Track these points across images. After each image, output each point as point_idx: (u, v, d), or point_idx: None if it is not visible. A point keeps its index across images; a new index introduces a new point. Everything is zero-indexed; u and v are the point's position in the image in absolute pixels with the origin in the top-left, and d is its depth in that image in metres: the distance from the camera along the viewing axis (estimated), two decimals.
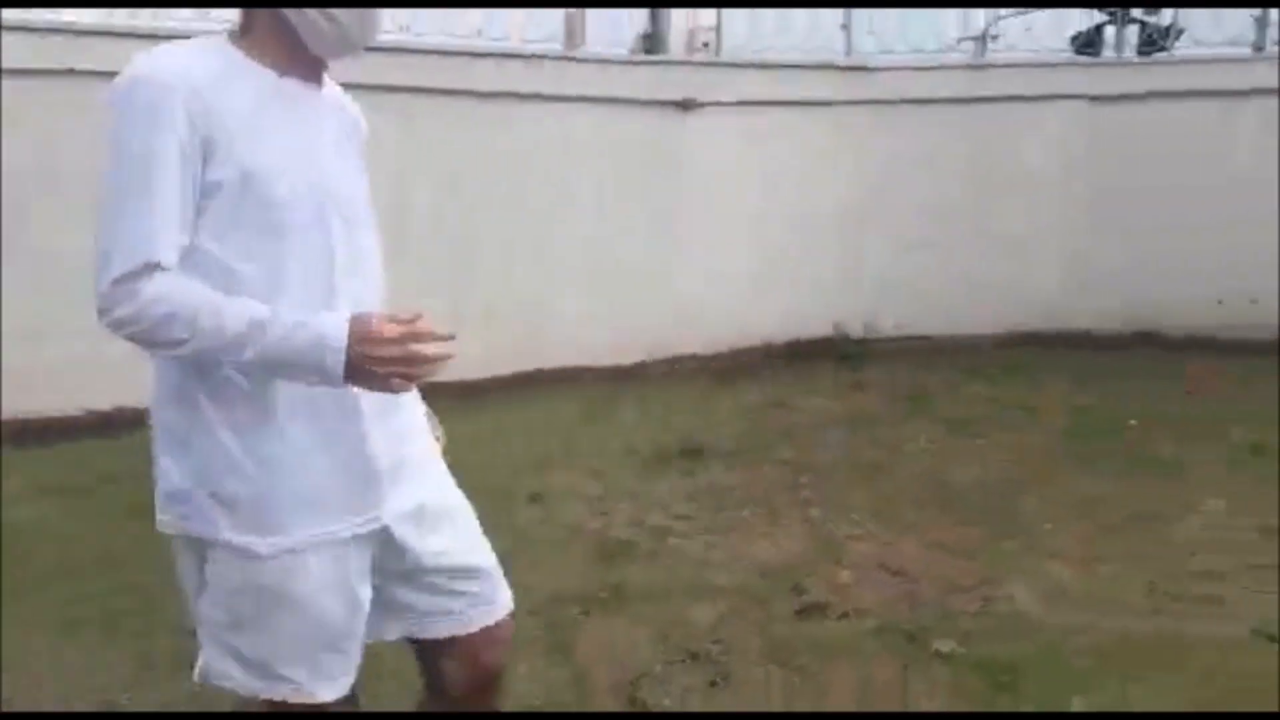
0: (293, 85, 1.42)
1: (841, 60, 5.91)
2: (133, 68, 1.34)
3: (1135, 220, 5.86)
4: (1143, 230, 5.84)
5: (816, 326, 5.79)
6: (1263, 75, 5.77)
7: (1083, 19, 6.38)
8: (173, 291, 1.32)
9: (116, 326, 1.32)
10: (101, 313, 1.32)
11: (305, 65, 1.43)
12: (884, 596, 2.94)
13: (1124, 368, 5.43)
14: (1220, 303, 5.76)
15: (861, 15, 5.98)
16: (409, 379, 1.37)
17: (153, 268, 1.30)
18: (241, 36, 1.41)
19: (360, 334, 1.33)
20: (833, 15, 5.99)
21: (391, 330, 1.34)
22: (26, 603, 2.80)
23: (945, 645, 2.64)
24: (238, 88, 1.36)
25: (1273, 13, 5.93)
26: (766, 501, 3.67)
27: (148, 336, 1.33)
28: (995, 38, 6.11)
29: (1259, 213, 5.70)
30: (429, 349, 1.36)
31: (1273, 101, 5.69)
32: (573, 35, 5.38)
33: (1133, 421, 4.52)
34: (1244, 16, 6.00)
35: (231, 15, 1.46)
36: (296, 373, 1.35)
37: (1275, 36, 5.97)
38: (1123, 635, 2.72)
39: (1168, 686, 2.47)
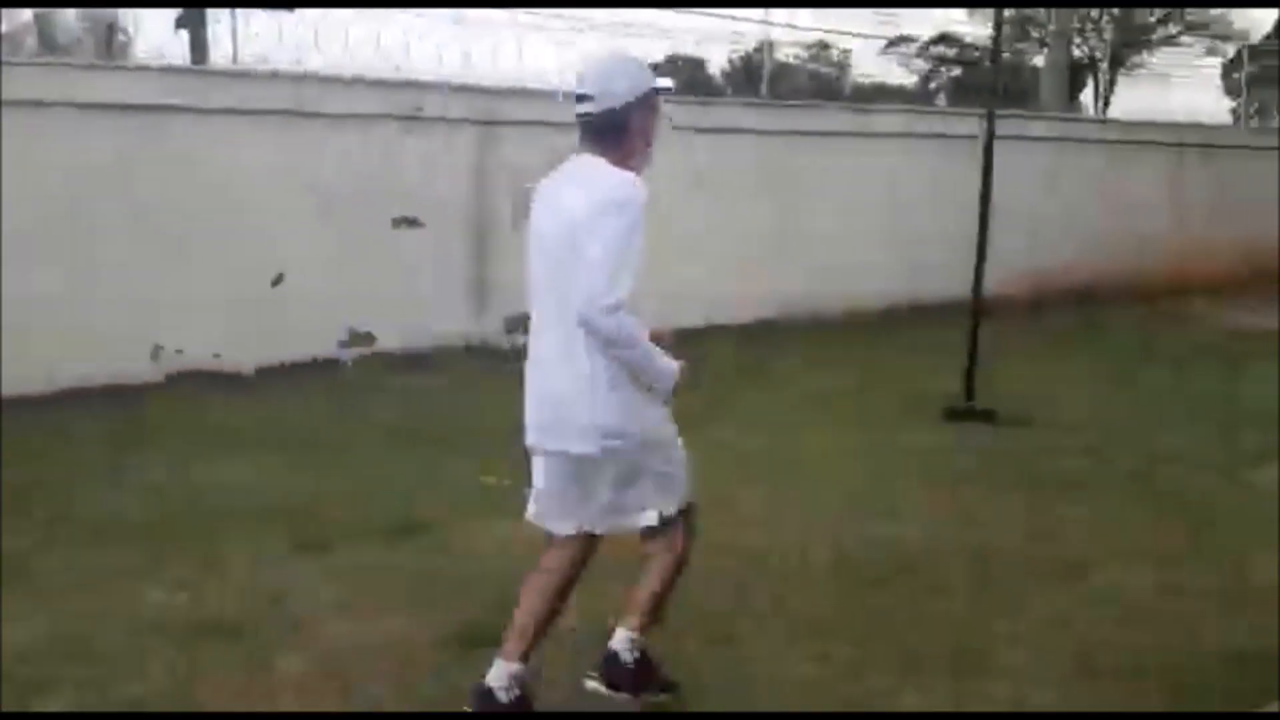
0: None
1: None
2: (631, 182, 2.49)
3: None
4: None
5: None
6: None
7: None
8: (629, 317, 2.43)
9: (609, 319, 2.40)
10: (605, 310, 2.39)
11: None
12: None
13: None
14: None
15: None
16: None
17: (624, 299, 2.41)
18: (617, 157, 2.56)
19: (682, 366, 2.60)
20: None
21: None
22: None
23: None
24: None
25: None
26: None
27: (615, 334, 2.42)
28: None
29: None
30: None
31: None
32: None
33: None
34: None
35: None
36: (661, 381, 2.56)
37: None
38: None
39: None
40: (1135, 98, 23.07)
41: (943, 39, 27.39)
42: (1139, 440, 5.61)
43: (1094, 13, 25.44)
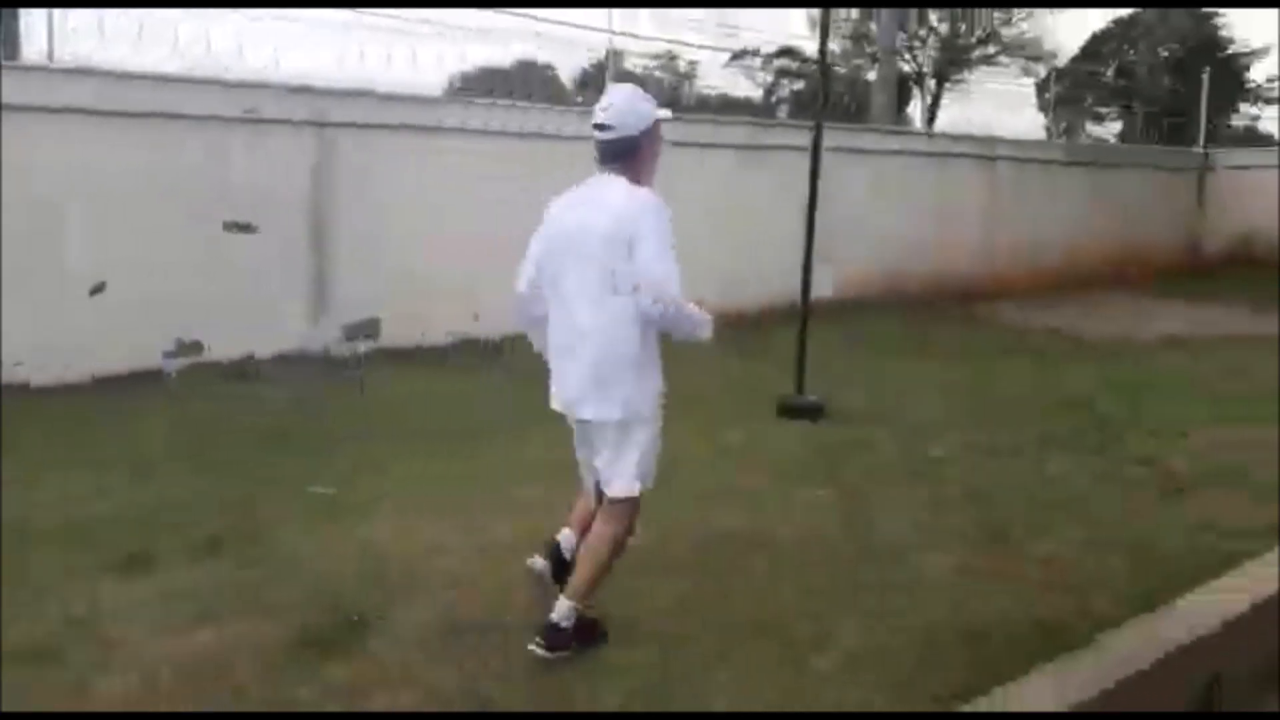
0: None
1: None
2: (653, 194, 3.14)
3: None
4: None
5: None
6: None
7: None
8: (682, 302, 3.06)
9: (670, 307, 3.03)
10: (668, 298, 3.01)
11: None
12: None
13: None
14: None
15: None
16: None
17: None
18: (632, 175, 3.16)
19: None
20: None
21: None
22: None
23: None
24: None
25: None
26: None
27: (673, 314, 3.04)
28: None
29: None
30: None
31: None
32: None
33: None
34: None
35: None
36: (696, 329, 3.14)
37: None
38: None
39: None
40: (959, 113, 24.52)
41: (785, 53, 28.37)
42: (951, 431, 6.00)
43: (920, 31, 26.93)
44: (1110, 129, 29.00)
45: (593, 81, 24.03)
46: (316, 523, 4.25)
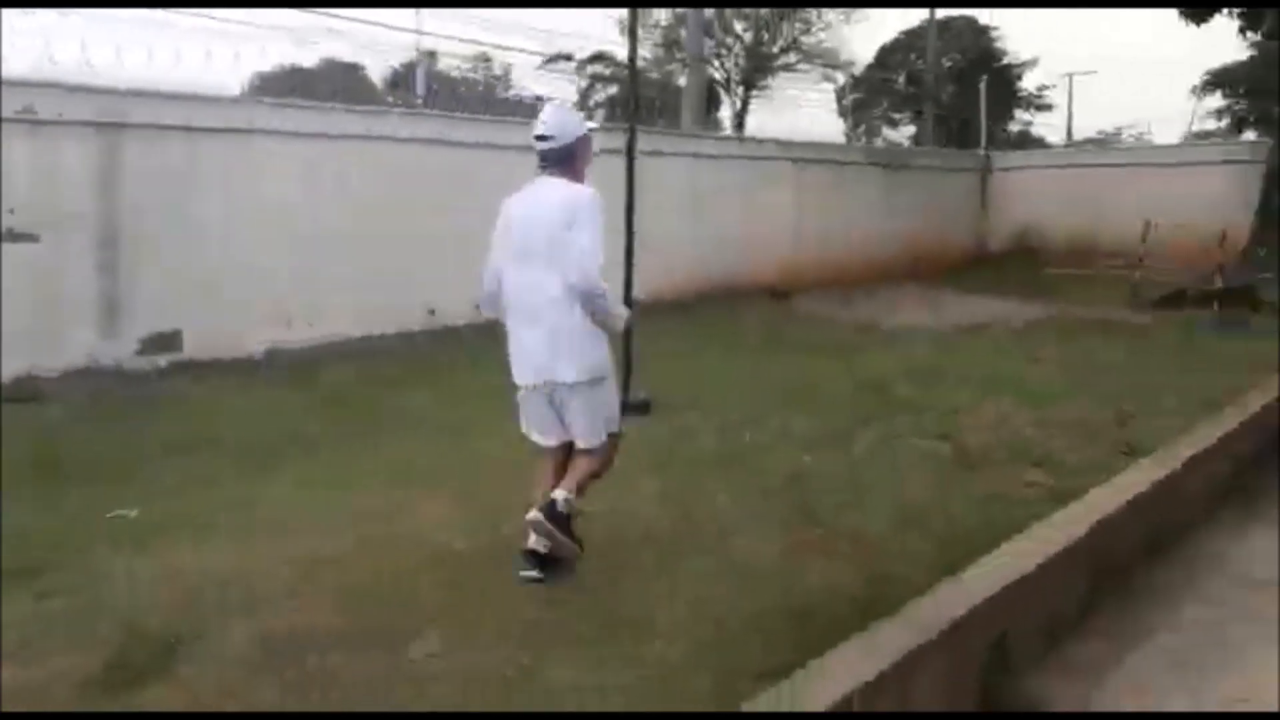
0: None
1: None
2: (591, 190, 3.67)
3: None
4: None
5: None
6: None
7: None
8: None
9: (599, 282, 3.58)
10: (598, 278, 3.57)
11: None
12: None
13: None
14: None
15: None
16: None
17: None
18: (571, 176, 3.72)
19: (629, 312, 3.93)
20: None
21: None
22: None
23: None
24: None
25: None
26: None
27: (600, 293, 3.58)
28: None
29: None
30: None
31: None
32: None
33: None
34: None
35: None
36: (609, 316, 3.69)
37: None
38: None
39: None
40: (767, 118, 25.55)
41: (598, 58, 28.70)
42: (768, 420, 6.26)
43: (727, 39, 27.87)
44: (904, 133, 30.93)
45: (403, 81, 23.51)
46: (119, 546, 3.99)
